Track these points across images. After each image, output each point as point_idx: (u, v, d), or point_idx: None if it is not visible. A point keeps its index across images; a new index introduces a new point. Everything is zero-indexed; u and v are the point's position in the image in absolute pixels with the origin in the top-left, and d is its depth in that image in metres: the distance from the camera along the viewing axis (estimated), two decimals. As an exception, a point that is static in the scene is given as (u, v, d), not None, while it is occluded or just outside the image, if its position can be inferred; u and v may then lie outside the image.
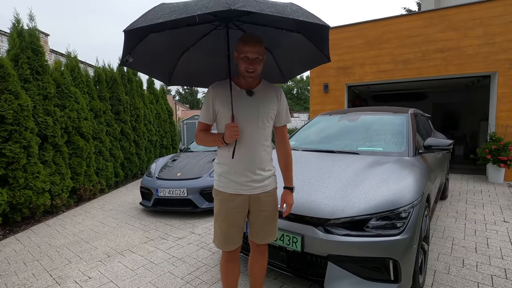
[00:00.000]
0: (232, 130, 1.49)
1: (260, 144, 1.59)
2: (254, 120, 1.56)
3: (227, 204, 1.62)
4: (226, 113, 1.55)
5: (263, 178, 1.62)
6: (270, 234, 1.71)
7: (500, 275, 2.36)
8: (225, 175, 1.61)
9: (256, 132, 1.57)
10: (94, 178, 5.35)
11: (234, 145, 1.55)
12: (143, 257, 2.87)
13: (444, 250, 2.83)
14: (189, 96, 41.84)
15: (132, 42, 1.50)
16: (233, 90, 1.55)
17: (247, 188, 1.59)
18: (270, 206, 1.66)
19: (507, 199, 4.57)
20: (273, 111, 1.62)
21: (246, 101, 1.57)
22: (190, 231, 3.51)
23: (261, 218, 1.66)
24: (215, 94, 1.60)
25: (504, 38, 5.80)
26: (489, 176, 5.91)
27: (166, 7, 1.24)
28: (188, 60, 1.81)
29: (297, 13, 1.25)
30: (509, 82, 5.84)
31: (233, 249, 1.68)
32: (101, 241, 3.33)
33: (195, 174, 4.21)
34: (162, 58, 1.75)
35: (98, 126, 5.78)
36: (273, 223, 1.71)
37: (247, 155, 1.57)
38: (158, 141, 8.30)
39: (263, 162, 1.61)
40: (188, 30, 1.59)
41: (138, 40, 1.52)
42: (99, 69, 6.40)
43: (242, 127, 1.54)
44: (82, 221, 4.09)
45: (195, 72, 1.94)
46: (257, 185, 1.60)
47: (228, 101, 1.53)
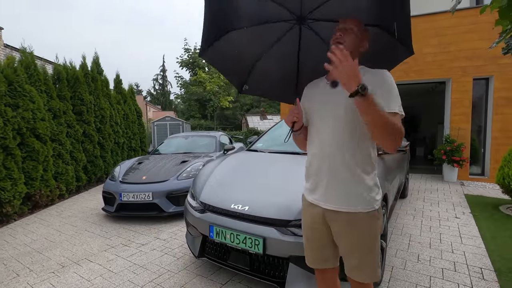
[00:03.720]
0: (290, 113, 1.33)
1: (337, 146, 1.25)
2: (330, 115, 1.27)
3: (304, 213, 1.44)
4: (307, 110, 1.39)
5: (343, 192, 1.26)
6: (356, 268, 1.30)
7: (450, 268, 2.52)
8: (305, 178, 1.42)
9: (334, 130, 1.25)
10: (52, 183, 5.00)
11: (291, 129, 1.38)
12: (102, 266, 2.72)
13: (402, 246, 2.98)
14: (161, 97, 40.71)
15: (211, 33, 1.42)
16: (321, 83, 1.39)
17: (314, 198, 1.34)
18: (347, 233, 1.28)
19: (459, 197, 4.94)
20: None
21: (327, 94, 1.32)
22: (154, 237, 3.39)
23: (342, 243, 1.32)
24: (304, 95, 1.47)
25: (456, 47, 6.29)
26: (445, 175, 6.36)
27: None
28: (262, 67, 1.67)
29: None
30: (461, 88, 6.33)
31: (316, 268, 1.43)
32: (55, 250, 3.11)
33: (161, 177, 4.08)
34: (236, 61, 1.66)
35: (58, 127, 5.42)
36: (356, 254, 1.29)
37: (319, 156, 1.31)
38: (126, 143, 7.96)
39: (342, 170, 1.25)
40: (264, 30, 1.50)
41: (217, 35, 1.46)
42: (59, 67, 6.01)
43: (318, 126, 1.33)
44: (36, 229, 3.80)
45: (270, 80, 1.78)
46: (332, 199, 1.28)
47: (313, 96, 1.39)
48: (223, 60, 1.64)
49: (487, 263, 2.61)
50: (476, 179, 6.32)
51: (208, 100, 18.93)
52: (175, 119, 12.64)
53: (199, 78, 18.11)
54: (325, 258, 1.39)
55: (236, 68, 1.69)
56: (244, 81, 1.71)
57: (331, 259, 1.39)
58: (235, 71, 1.70)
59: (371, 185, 1.27)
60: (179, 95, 23.84)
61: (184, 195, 3.93)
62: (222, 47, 1.50)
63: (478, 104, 6.54)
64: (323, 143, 1.29)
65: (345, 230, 1.28)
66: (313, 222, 1.37)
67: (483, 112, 6.48)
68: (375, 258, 1.30)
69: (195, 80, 18.85)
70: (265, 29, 1.48)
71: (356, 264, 1.29)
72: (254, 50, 1.61)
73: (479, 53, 6.09)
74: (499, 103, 6.10)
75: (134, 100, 8.81)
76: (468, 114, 6.32)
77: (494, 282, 2.30)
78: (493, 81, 6.13)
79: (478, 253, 2.80)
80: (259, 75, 1.69)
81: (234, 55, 1.61)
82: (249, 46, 1.58)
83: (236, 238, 2.05)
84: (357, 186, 1.25)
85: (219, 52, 1.53)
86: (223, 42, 1.48)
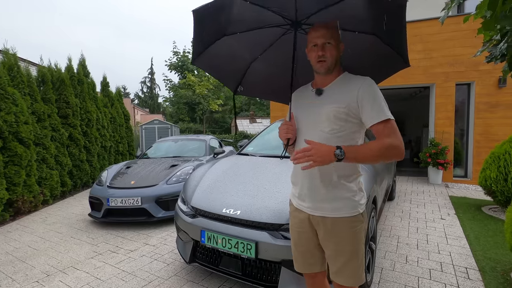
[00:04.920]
0: (283, 127, 1.32)
1: None
2: (315, 123, 1.30)
3: (291, 218, 1.46)
4: (296, 118, 1.39)
5: (327, 198, 1.29)
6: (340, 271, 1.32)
7: (437, 269, 2.59)
8: (292, 184, 1.45)
9: (319, 138, 1.23)
10: (35, 188, 4.84)
11: (286, 145, 1.36)
12: (89, 273, 2.64)
13: (391, 248, 3.04)
14: (149, 100, 40.17)
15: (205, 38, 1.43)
16: (306, 91, 1.41)
17: (305, 206, 1.35)
18: (335, 237, 1.30)
19: (444, 198, 5.08)
20: (343, 109, 1.24)
21: (312, 102, 1.34)
22: (143, 242, 3.32)
23: (328, 247, 1.34)
24: (293, 99, 1.45)
25: (440, 54, 6.51)
26: (430, 178, 6.53)
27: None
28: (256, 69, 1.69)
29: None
30: (444, 93, 6.55)
31: (303, 272, 1.46)
32: (39, 259, 3.00)
33: (150, 182, 4.02)
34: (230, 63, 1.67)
35: (42, 131, 5.26)
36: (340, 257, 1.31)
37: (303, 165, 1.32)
38: (113, 147, 7.80)
39: (327, 177, 1.28)
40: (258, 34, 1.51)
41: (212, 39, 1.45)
42: (44, 69, 5.86)
43: (304, 133, 1.34)
44: (19, 237, 3.65)
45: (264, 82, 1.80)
46: (317, 205, 1.31)
47: (300, 103, 1.39)
48: (217, 65, 1.65)
49: (472, 263, 2.69)
50: (460, 181, 6.53)
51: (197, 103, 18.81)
52: (163, 123, 12.50)
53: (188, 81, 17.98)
54: (313, 262, 1.42)
55: (230, 71, 1.70)
56: (239, 82, 1.74)
57: (319, 263, 1.42)
58: (230, 74, 1.72)
59: (355, 190, 1.31)
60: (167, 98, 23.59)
61: (173, 200, 3.88)
62: (216, 52, 1.51)
63: (460, 109, 6.77)
64: None
65: (331, 234, 1.31)
66: (300, 227, 1.40)
67: (465, 116, 6.72)
68: (360, 262, 1.33)
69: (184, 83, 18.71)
70: (260, 33, 1.50)
71: (340, 267, 1.31)
72: (248, 53, 1.64)
73: (461, 59, 6.33)
74: (480, 107, 6.33)
75: (122, 103, 8.67)
76: (451, 118, 6.53)
77: (479, 281, 2.38)
78: (474, 86, 6.37)
79: (463, 253, 2.89)
80: (254, 77, 1.72)
81: (228, 59, 1.62)
82: (243, 50, 1.61)
83: (228, 242, 2.04)
84: (342, 191, 1.29)
85: (212, 58, 1.54)
86: (217, 47, 1.49)
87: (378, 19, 1.33)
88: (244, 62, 1.66)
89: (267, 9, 1.32)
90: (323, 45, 1.26)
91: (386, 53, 1.41)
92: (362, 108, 1.23)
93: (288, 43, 1.51)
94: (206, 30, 1.39)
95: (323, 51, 1.26)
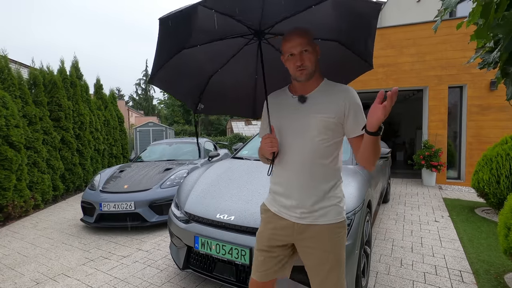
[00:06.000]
0: (266, 141, 1.26)
1: (315, 162, 1.27)
2: (303, 132, 1.28)
3: (265, 224, 1.41)
4: (277, 126, 1.34)
5: (317, 205, 1.28)
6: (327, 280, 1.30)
7: (431, 272, 2.59)
8: (273, 192, 1.40)
9: (308, 147, 1.26)
10: (26, 192, 4.74)
11: (272, 159, 1.32)
12: (80, 281, 2.59)
13: (385, 251, 3.04)
14: (143, 102, 39.92)
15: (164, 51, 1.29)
16: (285, 98, 1.37)
17: (291, 215, 1.32)
18: (320, 245, 1.29)
19: (438, 200, 5.12)
20: (332, 119, 1.25)
21: (296, 109, 1.31)
22: (137, 248, 3.27)
23: (313, 256, 1.31)
24: (269, 106, 1.39)
25: (432, 57, 6.59)
26: (424, 180, 6.58)
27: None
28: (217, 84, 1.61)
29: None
30: (437, 96, 6.62)
31: (263, 280, 1.39)
32: (29, 266, 2.93)
33: (144, 186, 3.97)
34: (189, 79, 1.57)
35: (33, 134, 5.18)
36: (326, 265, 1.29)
37: (296, 175, 1.29)
38: (107, 150, 7.71)
39: (317, 185, 1.28)
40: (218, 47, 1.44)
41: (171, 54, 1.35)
42: (35, 71, 5.77)
43: (291, 141, 1.30)
44: (8, 243, 3.57)
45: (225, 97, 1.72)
46: (306, 213, 1.29)
47: (281, 111, 1.34)
48: (175, 81, 1.53)
49: (465, 266, 2.70)
50: (453, 183, 6.59)
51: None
52: (158, 125, 12.40)
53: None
54: (277, 269, 1.39)
55: (189, 87, 1.60)
56: (198, 100, 1.64)
57: (281, 271, 1.40)
58: (189, 90, 1.61)
59: (340, 196, 1.33)
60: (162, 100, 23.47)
61: (167, 204, 3.83)
62: (174, 67, 1.41)
63: (453, 111, 6.85)
64: (295, 158, 1.30)
65: (317, 242, 1.29)
66: (278, 234, 1.36)
67: (458, 118, 6.80)
68: (342, 270, 1.33)
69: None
70: (221, 45, 1.43)
71: (326, 276, 1.29)
72: (209, 67, 1.56)
73: (453, 62, 6.42)
74: (472, 110, 6.42)
75: (116, 106, 8.59)
76: (444, 121, 6.60)
77: (473, 284, 2.39)
78: (466, 89, 6.45)
79: (457, 256, 2.90)
80: (214, 92, 1.63)
81: (188, 75, 1.53)
82: (203, 64, 1.53)
83: (222, 249, 2.01)
84: (329, 199, 1.29)
85: (171, 74, 1.43)
86: (176, 61, 1.38)
87: (344, 28, 1.35)
88: (204, 77, 1.58)
89: (232, 18, 1.26)
90: (301, 54, 1.25)
91: (351, 58, 1.46)
92: (348, 118, 1.26)
93: (250, 54, 1.50)
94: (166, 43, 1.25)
95: (301, 61, 1.25)
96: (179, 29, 1.21)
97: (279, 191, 1.36)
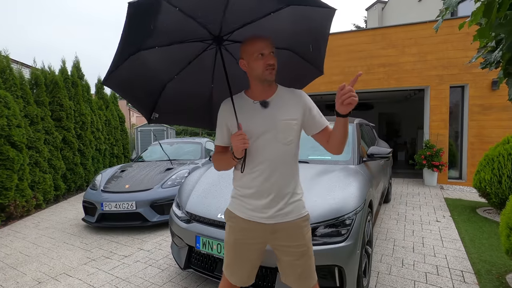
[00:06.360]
0: (238, 138, 1.26)
1: (282, 163, 1.34)
2: (272, 135, 1.33)
3: (232, 231, 1.42)
4: (247, 130, 1.34)
5: (288, 204, 1.35)
6: (303, 275, 1.37)
7: (433, 272, 2.59)
8: (240, 197, 1.41)
9: (276, 149, 1.33)
10: (28, 192, 4.76)
11: (244, 157, 1.32)
12: (82, 280, 2.60)
13: (387, 251, 3.03)
14: (145, 102, 39.88)
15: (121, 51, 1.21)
16: (245, 103, 1.38)
17: (262, 216, 1.35)
18: (294, 240, 1.36)
19: (439, 200, 5.11)
20: (295, 121, 1.35)
21: (260, 114, 1.35)
22: (138, 248, 3.28)
23: (288, 254, 1.37)
24: (227, 111, 1.39)
25: (434, 56, 6.57)
26: (425, 180, 6.57)
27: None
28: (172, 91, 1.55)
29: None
30: (439, 95, 6.60)
31: (238, 286, 1.47)
32: (31, 265, 2.94)
33: (145, 186, 3.97)
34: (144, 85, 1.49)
35: (35, 134, 5.19)
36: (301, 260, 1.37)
37: (265, 176, 1.33)
38: (108, 150, 7.73)
39: (286, 184, 1.35)
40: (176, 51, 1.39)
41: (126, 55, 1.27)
42: (37, 71, 5.79)
43: (258, 145, 1.33)
44: (10, 243, 3.58)
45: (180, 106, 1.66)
46: (277, 212, 1.34)
47: (245, 115, 1.35)
48: (130, 86, 1.45)
49: (467, 266, 2.69)
50: (455, 183, 6.57)
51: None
52: (159, 125, 12.42)
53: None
54: (252, 274, 1.45)
55: (143, 94, 1.52)
56: (153, 108, 1.56)
57: (252, 276, 1.46)
58: (143, 97, 1.53)
59: (301, 192, 1.43)
60: (163, 100, 23.45)
61: (168, 204, 3.84)
62: (129, 69, 1.33)
63: (455, 111, 6.83)
64: (264, 160, 1.33)
65: (292, 238, 1.36)
66: (250, 238, 1.39)
67: (460, 118, 6.78)
68: (313, 260, 1.42)
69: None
70: (179, 49, 1.38)
71: (304, 269, 1.37)
72: (165, 73, 1.49)
73: (454, 62, 6.40)
74: (474, 110, 6.39)
75: (117, 105, 8.60)
76: (446, 120, 6.58)
77: (474, 284, 2.38)
78: (468, 89, 6.43)
79: (458, 256, 2.89)
80: (170, 100, 1.57)
81: (142, 78, 1.45)
82: (160, 69, 1.45)
83: (223, 248, 2.01)
84: (295, 195, 1.39)
85: (126, 77, 1.36)
86: (131, 63, 1.31)
87: (299, 35, 1.39)
88: (159, 84, 1.51)
89: (194, 20, 1.22)
90: (270, 54, 1.31)
91: (303, 66, 1.52)
92: (309, 118, 1.39)
93: (206, 61, 1.50)
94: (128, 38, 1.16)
95: (272, 60, 1.31)
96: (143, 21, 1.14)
97: (247, 194, 1.37)
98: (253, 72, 1.34)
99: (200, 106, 1.68)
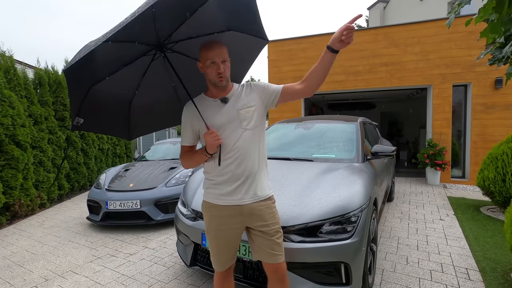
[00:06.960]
0: (211, 136, 1.40)
1: (251, 146, 1.49)
2: (237, 124, 1.47)
3: (213, 220, 1.54)
4: (213, 125, 1.47)
5: (260, 183, 1.51)
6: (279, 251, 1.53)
7: (437, 270, 2.59)
8: (215, 185, 1.52)
9: (244, 135, 1.47)
10: (32, 191, 4.79)
11: (219, 152, 1.45)
12: (88, 278, 2.61)
13: (391, 249, 3.04)
14: (146, 102, 39.96)
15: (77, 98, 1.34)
16: (207, 102, 1.51)
17: (237, 197, 1.48)
18: (270, 217, 1.52)
19: (443, 199, 5.11)
20: (254, 107, 1.50)
21: (223, 109, 1.49)
22: (143, 246, 3.30)
23: (264, 230, 1.51)
24: (191, 112, 1.51)
25: (437, 55, 6.56)
26: (428, 178, 6.56)
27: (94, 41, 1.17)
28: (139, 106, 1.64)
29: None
30: (442, 94, 6.59)
31: (227, 268, 1.62)
32: (38, 263, 2.96)
33: (149, 185, 3.99)
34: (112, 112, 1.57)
35: (39, 134, 5.22)
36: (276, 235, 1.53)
37: (238, 161, 1.46)
38: (110, 150, 7.76)
39: (255, 167, 1.49)
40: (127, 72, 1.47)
41: (82, 96, 1.37)
42: (40, 71, 5.82)
43: (226, 135, 1.46)
44: (16, 241, 3.61)
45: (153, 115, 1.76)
46: (251, 191, 1.48)
47: (208, 113, 1.47)
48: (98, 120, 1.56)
49: (472, 264, 2.70)
50: (458, 182, 6.56)
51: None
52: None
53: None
54: (233, 255, 1.61)
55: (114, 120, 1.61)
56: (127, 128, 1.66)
57: (235, 256, 1.63)
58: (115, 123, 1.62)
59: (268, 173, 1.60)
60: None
61: (173, 202, 3.86)
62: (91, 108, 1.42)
63: (458, 110, 6.82)
64: (235, 148, 1.46)
65: (267, 216, 1.51)
66: (228, 223, 1.51)
67: (463, 117, 6.77)
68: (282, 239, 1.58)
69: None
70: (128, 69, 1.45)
71: (279, 244, 1.52)
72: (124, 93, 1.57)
73: (457, 61, 6.39)
74: (476, 109, 6.38)
75: (119, 105, 8.62)
76: (448, 119, 6.57)
77: (479, 282, 2.38)
78: (471, 88, 6.42)
79: (463, 254, 2.90)
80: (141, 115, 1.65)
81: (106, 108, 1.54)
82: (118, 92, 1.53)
83: (229, 245, 2.02)
84: (265, 177, 1.56)
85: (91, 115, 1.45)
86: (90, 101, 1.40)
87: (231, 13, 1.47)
88: (124, 105, 1.60)
89: (129, 42, 1.29)
90: (222, 63, 1.43)
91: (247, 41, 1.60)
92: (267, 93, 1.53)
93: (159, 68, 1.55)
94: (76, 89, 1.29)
95: (222, 68, 1.43)
96: (83, 72, 1.25)
97: (222, 180, 1.49)
98: (207, 76, 1.48)
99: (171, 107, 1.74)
